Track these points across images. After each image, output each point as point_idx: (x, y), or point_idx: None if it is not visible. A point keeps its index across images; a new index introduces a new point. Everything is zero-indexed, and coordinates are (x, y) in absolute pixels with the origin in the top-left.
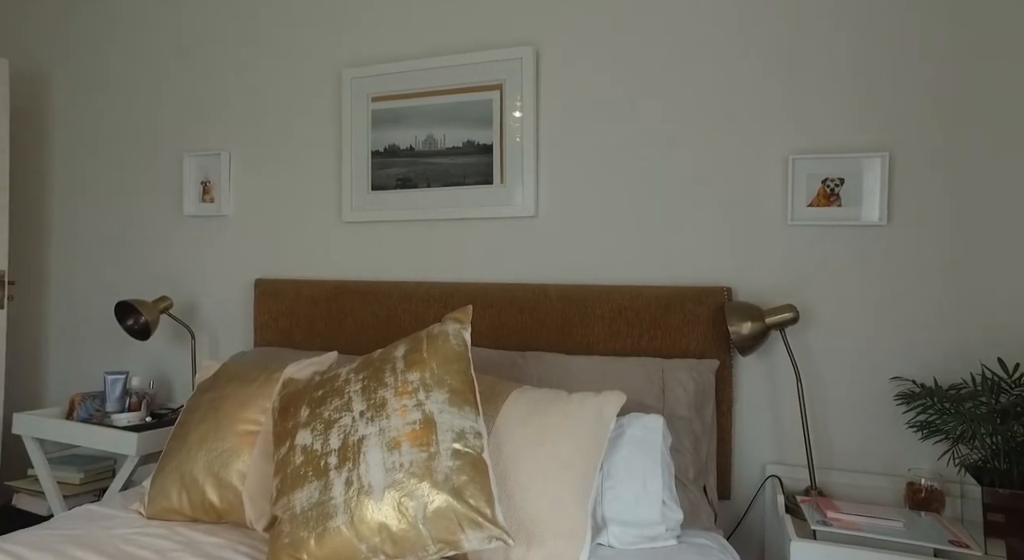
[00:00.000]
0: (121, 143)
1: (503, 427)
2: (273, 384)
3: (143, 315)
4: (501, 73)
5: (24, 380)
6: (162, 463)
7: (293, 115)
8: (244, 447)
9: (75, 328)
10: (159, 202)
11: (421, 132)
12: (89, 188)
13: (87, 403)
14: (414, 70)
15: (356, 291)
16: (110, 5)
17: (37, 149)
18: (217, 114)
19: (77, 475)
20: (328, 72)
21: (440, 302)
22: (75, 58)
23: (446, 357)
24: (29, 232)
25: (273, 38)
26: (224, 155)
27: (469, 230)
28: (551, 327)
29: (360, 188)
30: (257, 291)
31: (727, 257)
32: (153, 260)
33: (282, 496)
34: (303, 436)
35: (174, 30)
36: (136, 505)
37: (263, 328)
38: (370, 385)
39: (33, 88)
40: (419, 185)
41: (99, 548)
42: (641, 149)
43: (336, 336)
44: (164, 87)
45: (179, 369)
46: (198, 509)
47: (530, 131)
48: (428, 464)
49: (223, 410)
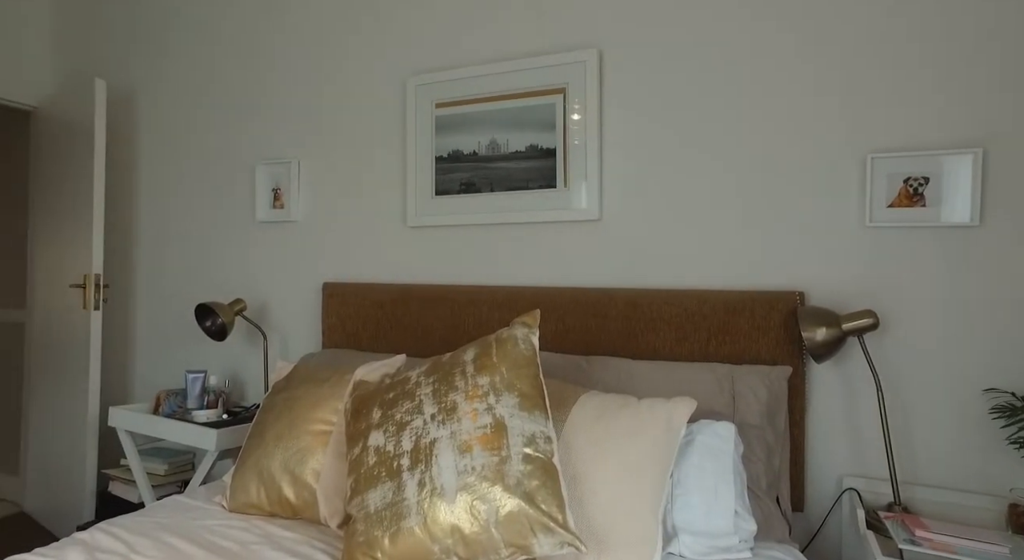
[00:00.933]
0: (200, 154)
1: (572, 432)
2: (344, 385)
3: (220, 317)
4: (564, 76)
5: (115, 376)
6: (242, 459)
7: (359, 123)
8: (318, 446)
9: (159, 328)
10: (234, 209)
11: (484, 137)
12: (172, 197)
13: (171, 399)
14: (477, 76)
15: (420, 295)
16: (190, 29)
17: (127, 162)
18: (287, 124)
19: (162, 466)
20: (392, 80)
21: (504, 306)
22: (160, 77)
23: (515, 361)
24: (120, 239)
25: (339, 51)
26: (294, 163)
27: (533, 234)
28: (615, 331)
29: (424, 193)
30: (325, 294)
31: (799, 261)
32: (228, 264)
33: (356, 495)
34: (376, 437)
35: (247, 49)
36: (219, 498)
37: (331, 330)
38: (440, 388)
39: (124, 106)
40: (482, 190)
41: (189, 537)
42: (708, 150)
43: (401, 339)
44: (238, 100)
45: (251, 368)
46: (275, 505)
47: (594, 134)
48: (499, 468)
49: (297, 410)
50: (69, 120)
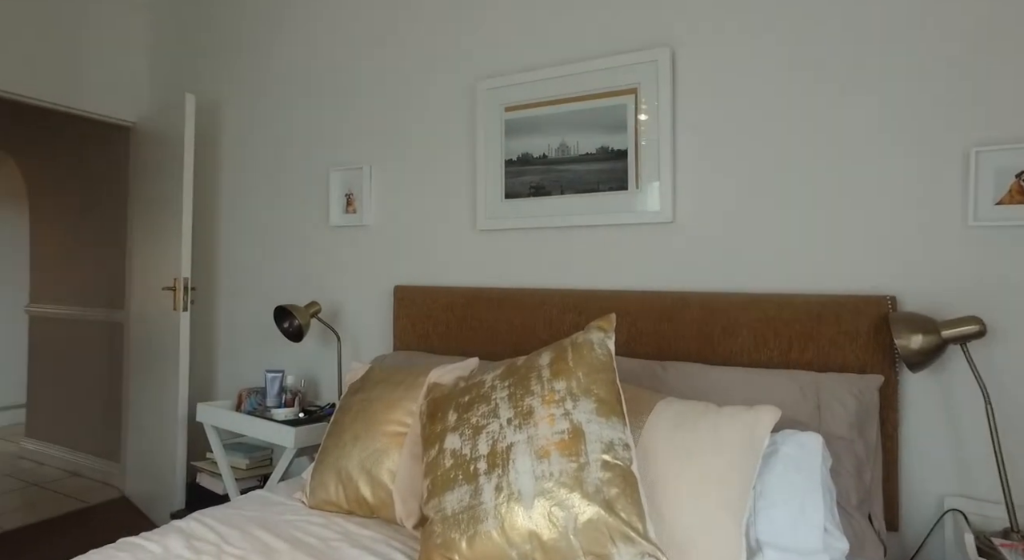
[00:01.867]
0: (277, 162)
1: (650, 439)
2: (419, 388)
3: (297, 318)
4: (635, 76)
5: (201, 373)
6: (321, 458)
7: (429, 129)
8: (393, 447)
9: (240, 328)
10: (309, 214)
11: (554, 139)
12: (251, 204)
13: (252, 397)
14: (546, 78)
15: (490, 298)
16: (267, 44)
17: (212, 171)
18: (359, 131)
19: (244, 461)
20: (462, 85)
21: (575, 309)
22: (241, 90)
23: (592, 366)
24: (205, 244)
25: (409, 57)
26: (366, 169)
27: (603, 237)
28: (690, 336)
29: (494, 197)
30: (396, 297)
31: (890, 263)
32: (304, 267)
33: (433, 497)
34: (452, 440)
35: (322, 60)
36: (299, 494)
37: (402, 332)
38: (516, 393)
39: (210, 118)
40: (552, 192)
41: (273, 530)
42: (788, 148)
43: (471, 342)
44: (313, 110)
45: (325, 369)
46: (353, 503)
47: (666, 134)
48: (578, 475)
49: (373, 411)
50: (162, 134)
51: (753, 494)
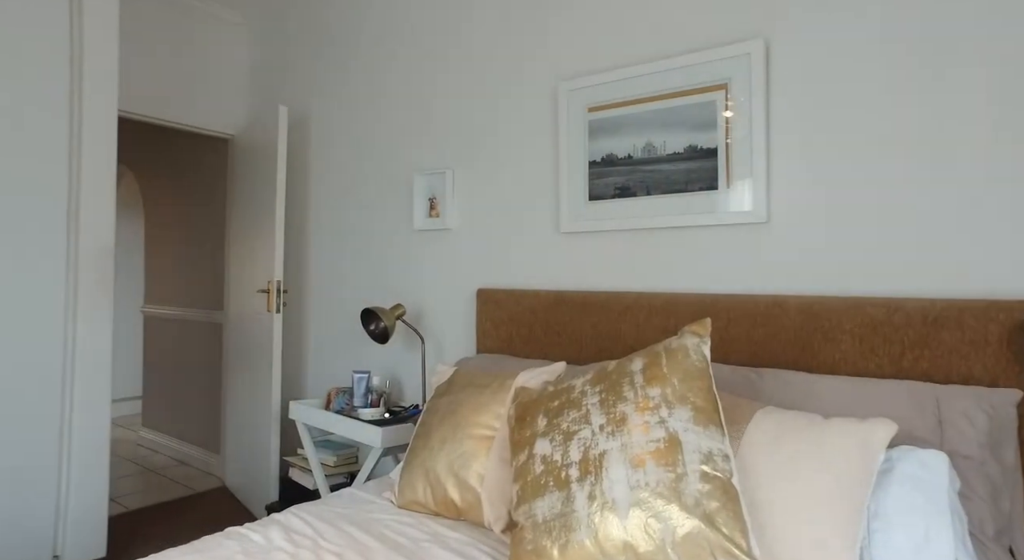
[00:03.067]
0: (364, 168)
1: (749, 451)
2: (506, 391)
3: (383, 321)
4: (725, 72)
5: (292, 372)
6: (409, 459)
7: (510, 132)
8: (481, 450)
9: (327, 330)
10: (394, 218)
11: (639, 139)
12: (339, 208)
13: (340, 397)
14: (630, 77)
15: (574, 301)
16: (354, 55)
17: (302, 178)
18: (442, 136)
19: (332, 458)
20: (543, 87)
21: (663, 313)
22: (330, 99)
23: (687, 373)
24: (295, 248)
25: (490, 61)
26: (448, 173)
27: (692, 238)
28: (787, 342)
29: (577, 199)
30: (479, 300)
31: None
32: (389, 271)
33: (523, 503)
34: (542, 446)
35: (405, 68)
36: (387, 494)
37: (485, 335)
38: (608, 399)
39: (299, 128)
40: (638, 194)
41: (365, 528)
42: (896, 140)
43: (555, 345)
44: (397, 116)
45: (408, 370)
46: (440, 505)
47: (760, 131)
48: (675, 486)
49: (460, 414)
50: (257, 144)
51: (867, 514)
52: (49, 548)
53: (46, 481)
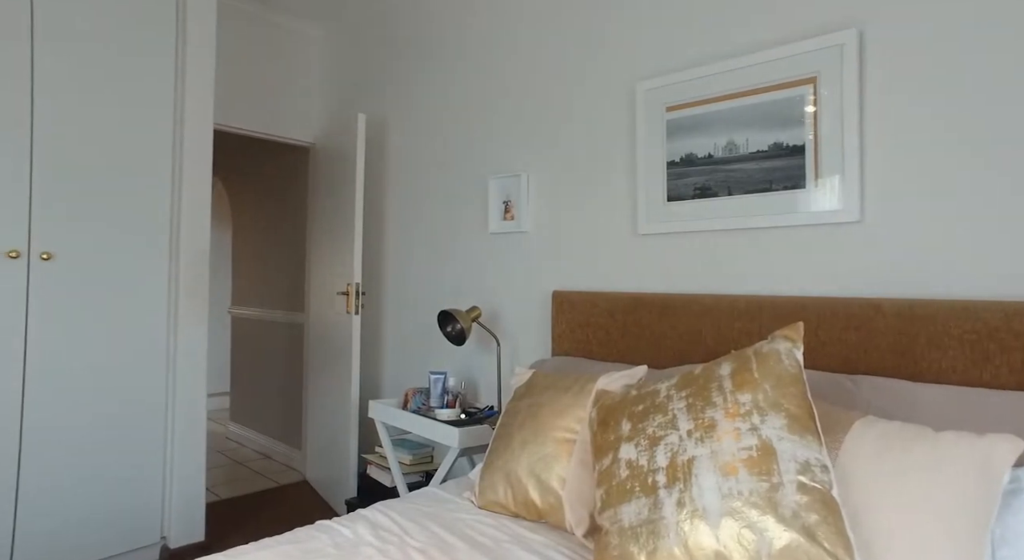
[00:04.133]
0: (439, 172)
1: (849, 463)
2: (587, 395)
3: (459, 323)
4: (814, 64)
5: (369, 372)
6: (489, 460)
7: (586, 133)
8: (562, 453)
9: (402, 331)
10: (468, 221)
11: (720, 138)
12: (415, 212)
13: (417, 397)
14: (711, 75)
15: (653, 304)
16: (429, 61)
17: (379, 183)
18: (517, 140)
19: (408, 456)
20: (620, 87)
21: (746, 316)
22: (405, 105)
23: (780, 379)
24: (373, 251)
25: (565, 62)
26: (523, 176)
27: (776, 239)
28: (884, 348)
29: (655, 200)
30: (554, 302)
31: None
32: (464, 273)
33: (608, 508)
34: (627, 450)
35: (480, 73)
36: (468, 494)
37: (560, 338)
38: (695, 404)
39: (376, 134)
40: (719, 194)
41: (448, 527)
42: (1007, 137)
43: (634, 348)
44: (473, 120)
45: (483, 372)
46: (521, 506)
47: (852, 127)
48: (770, 496)
49: (541, 417)
50: (336, 151)
51: (991, 539)
52: (157, 531)
53: (153, 470)
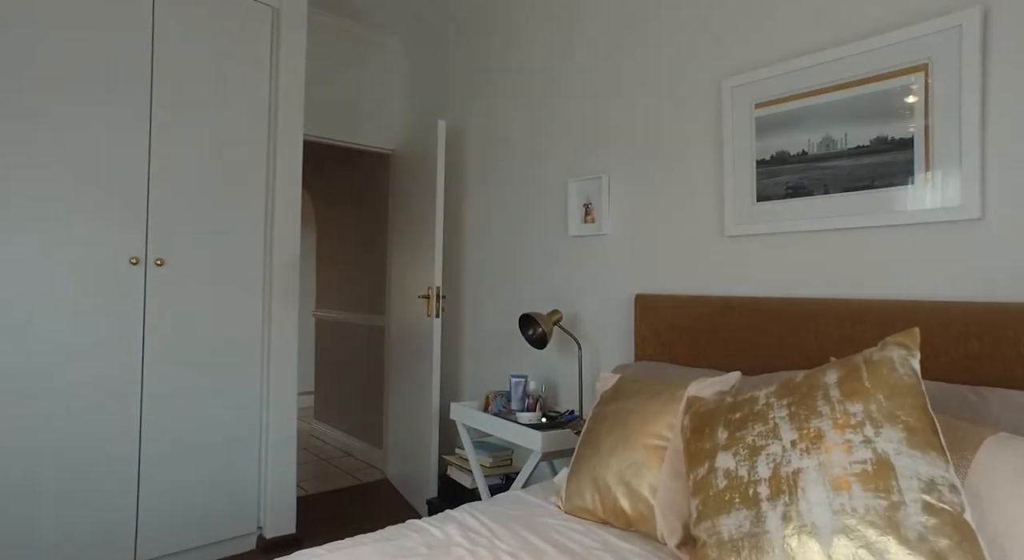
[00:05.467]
0: (517, 176)
1: (981, 484)
2: (677, 401)
3: (541, 326)
4: (925, 50)
5: (448, 374)
6: (576, 465)
7: (669, 134)
8: (653, 460)
9: (481, 334)
10: (548, 225)
11: (815, 134)
12: (494, 216)
13: (498, 400)
14: (805, 68)
15: (743, 308)
16: (506, 65)
17: (457, 188)
18: (596, 141)
19: (488, 459)
20: (705, 86)
21: (847, 321)
22: (483, 110)
23: (895, 388)
24: (452, 255)
25: (647, 63)
26: (604, 178)
27: (881, 239)
28: (1011, 357)
29: (744, 200)
30: (637, 306)
31: None
32: (543, 277)
33: (704, 519)
34: (724, 459)
35: (558, 75)
36: (554, 499)
37: (644, 342)
38: (799, 413)
39: (455, 140)
40: (814, 192)
41: (536, 531)
42: None
43: (722, 354)
44: (550, 123)
45: (563, 375)
46: (609, 513)
47: (972, 116)
48: (890, 515)
49: (631, 423)
50: (416, 158)
51: None
52: (254, 521)
53: (250, 463)
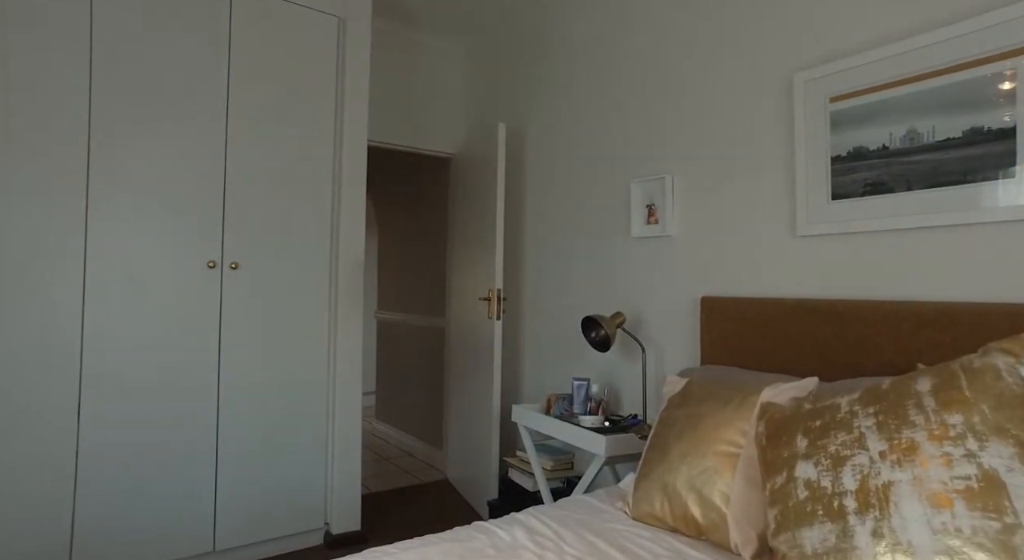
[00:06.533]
0: (578, 177)
1: None
2: (750, 407)
3: (604, 329)
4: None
5: (508, 376)
6: (644, 470)
7: (735, 131)
8: (725, 467)
9: (541, 336)
10: (610, 226)
11: (897, 127)
12: (554, 218)
13: (560, 402)
14: (886, 57)
15: (816, 310)
16: (566, 66)
17: (517, 190)
18: (659, 141)
19: (549, 462)
20: (774, 80)
21: (934, 325)
22: (542, 112)
23: (1000, 399)
24: (512, 257)
25: (712, 59)
26: (668, 178)
27: (974, 237)
28: None
29: (817, 199)
30: (703, 309)
31: None
32: (605, 279)
33: (784, 530)
34: (804, 469)
35: (618, 75)
36: (620, 504)
37: (711, 346)
38: (887, 422)
39: (515, 142)
40: (896, 189)
41: (604, 537)
42: None
43: (794, 358)
44: (612, 124)
45: (625, 379)
46: (679, 521)
47: None
48: (1004, 539)
49: (702, 428)
50: (477, 160)
51: None
52: (322, 517)
53: (318, 460)
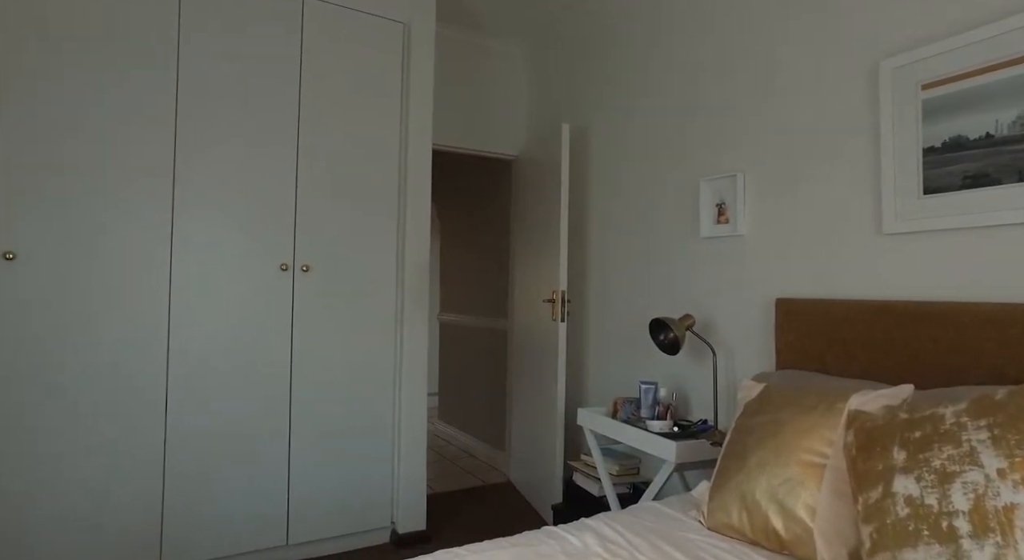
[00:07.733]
0: (644, 176)
1: None
2: (836, 415)
3: (672, 331)
4: None
5: (572, 379)
6: (719, 479)
7: (813, 125)
8: (809, 478)
9: (608, 339)
10: (677, 227)
11: (1005, 113)
12: (619, 219)
13: (627, 406)
14: (988, 38)
15: (906, 313)
16: (631, 67)
17: (581, 191)
18: (730, 139)
19: (615, 467)
20: (856, 69)
21: None
22: (607, 113)
23: None
24: (577, 259)
25: (786, 50)
26: (739, 177)
27: None
28: None
29: (908, 194)
30: (778, 311)
31: None
32: (672, 280)
33: (882, 550)
34: (903, 483)
35: (685, 72)
36: (694, 513)
37: (786, 349)
38: (1005, 437)
39: (579, 143)
40: (1002, 180)
41: (679, 547)
42: None
43: (881, 364)
44: (678, 122)
45: (693, 383)
46: (759, 533)
47: None
48: None
49: (783, 436)
50: (540, 162)
51: None
52: (388, 516)
53: (385, 460)
